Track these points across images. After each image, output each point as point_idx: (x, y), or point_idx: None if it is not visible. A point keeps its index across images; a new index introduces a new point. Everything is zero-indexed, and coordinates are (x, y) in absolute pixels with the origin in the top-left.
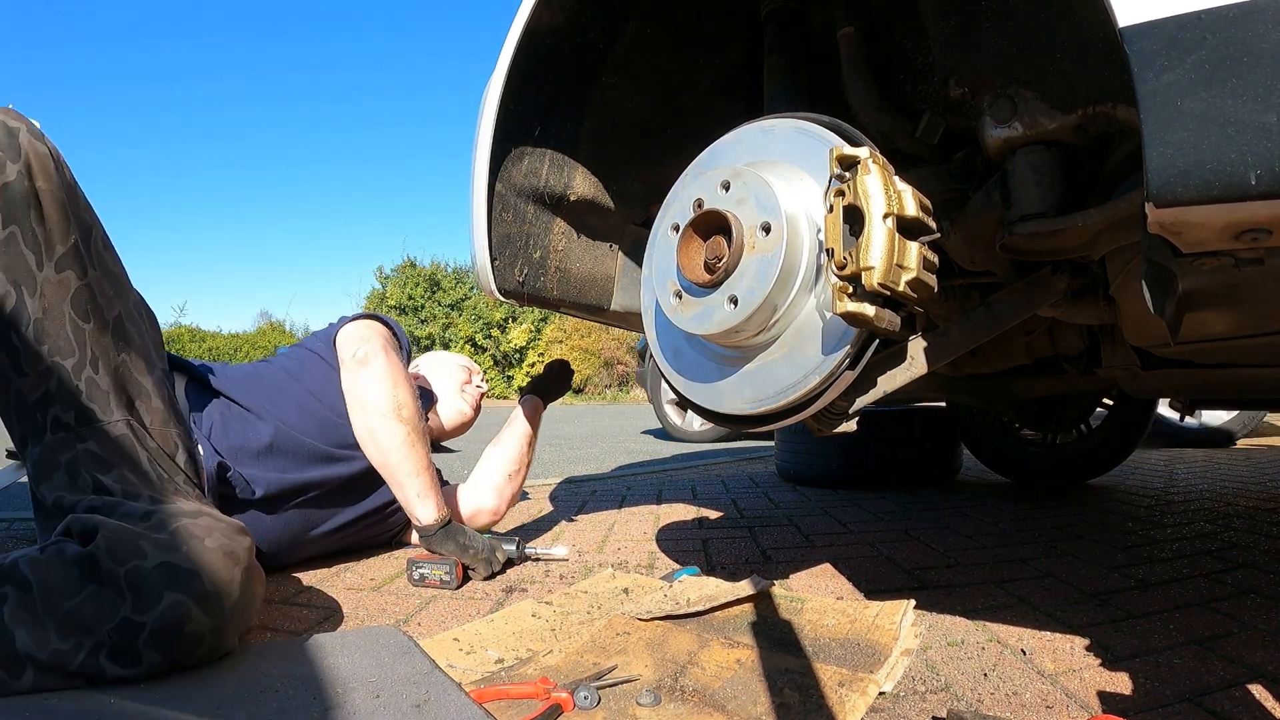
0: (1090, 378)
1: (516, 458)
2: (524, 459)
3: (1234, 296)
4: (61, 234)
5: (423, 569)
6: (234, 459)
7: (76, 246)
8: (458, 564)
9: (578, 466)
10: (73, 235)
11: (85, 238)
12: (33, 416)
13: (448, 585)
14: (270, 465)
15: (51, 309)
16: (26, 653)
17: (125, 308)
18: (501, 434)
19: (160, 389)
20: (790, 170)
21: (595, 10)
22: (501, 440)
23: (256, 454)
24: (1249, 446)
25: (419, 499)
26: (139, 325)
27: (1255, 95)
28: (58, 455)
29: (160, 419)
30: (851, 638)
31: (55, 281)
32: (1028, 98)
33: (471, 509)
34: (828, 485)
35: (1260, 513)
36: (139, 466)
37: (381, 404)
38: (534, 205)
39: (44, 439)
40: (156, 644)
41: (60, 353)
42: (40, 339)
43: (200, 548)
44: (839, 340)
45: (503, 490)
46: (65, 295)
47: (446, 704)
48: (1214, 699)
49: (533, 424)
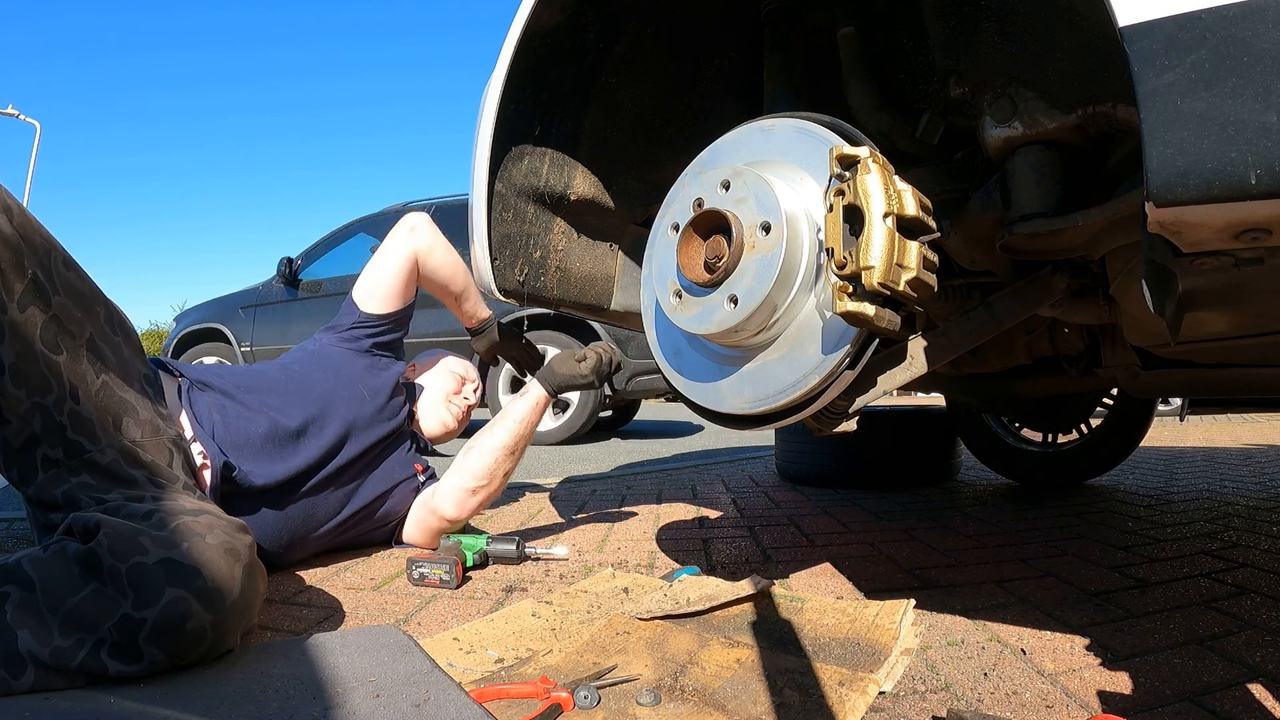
0: (1090, 378)
1: (478, 432)
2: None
3: (1234, 296)
4: (17, 272)
5: (422, 568)
6: (238, 455)
7: (35, 279)
8: (457, 563)
9: (578, 466)
10: (29, 269)
11: (44, 266)
12: (22, 459)
13: (447, 585)
14: (272, 456)
15: (24, 352)
16: (29, 652)
17: (96, 325)
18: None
19: (144, 398)
20: (790, 170)
21: (595, 10)
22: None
23: (259, 447)
24: (1249, 446)
25: (479, 302)
26: (113, 339)
27: (1255, 95)
28: (53, 490)
29: (149, 430)
30: (851, 637)
31: (21, 321)
32: (1028, 97)
33: (438, 488)
34: (828, 485)
35: (1260, 513)
36: (135, 483)
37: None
38: (534, 205)
39: (37, 478)
40: (158, 640)
41: (39, 391)
42: (18, 383)
43: (201, 544)
44: (839, 340)
45: (464, 504)
46: (34, 332)
47: (446, 704)
48: (1214, 699)
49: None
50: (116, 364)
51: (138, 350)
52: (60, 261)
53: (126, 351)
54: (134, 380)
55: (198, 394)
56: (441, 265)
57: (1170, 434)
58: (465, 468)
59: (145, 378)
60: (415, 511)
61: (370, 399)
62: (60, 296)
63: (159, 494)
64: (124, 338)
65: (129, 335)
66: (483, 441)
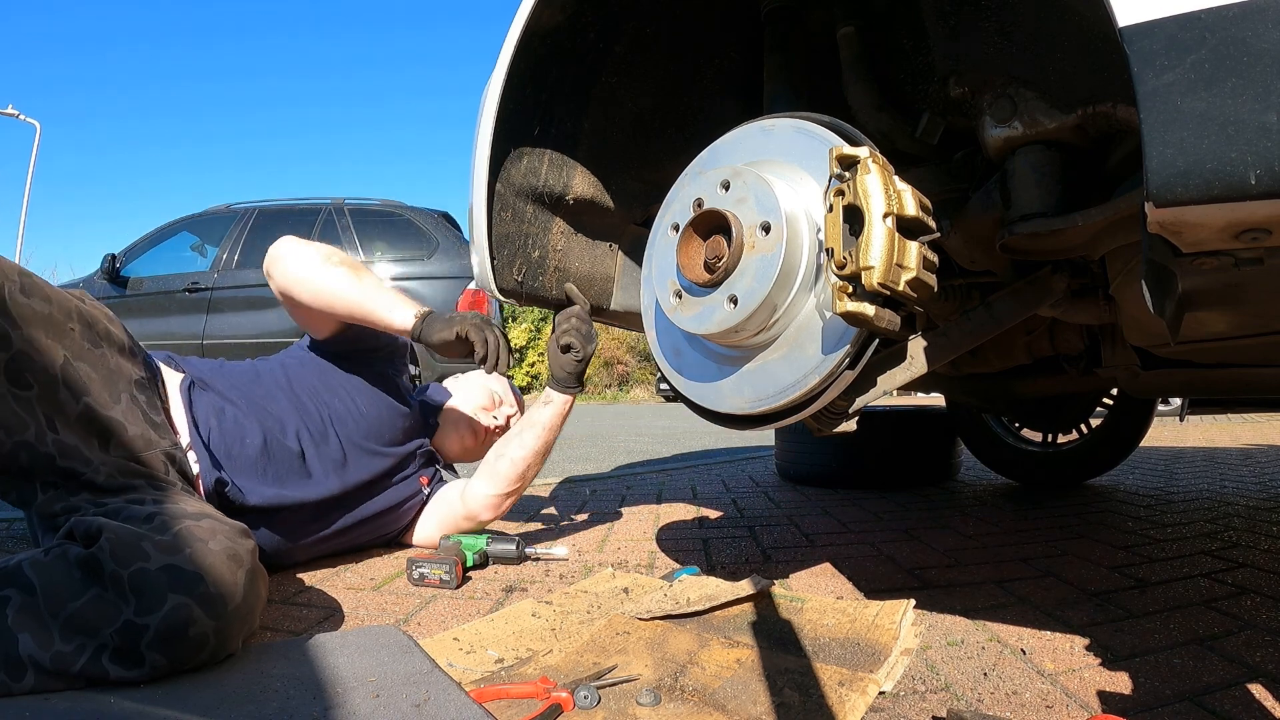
0: (1090, 378)
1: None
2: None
3: (1234, 296)
4: None
5: (422, 568)
6: (231, 468)
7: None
8: (457, 564)
9: (578, 466)
10: None
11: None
12: (20, 486)
13: (447, 585)
14: (267, 478)
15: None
16: (30, 656)
17: (71, 345)
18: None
19: (133, 409)
20: (790, 170)
21: (595, 10)
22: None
23: (253, 461)
24: (1249, 446)
25: (391, 310)
26: (94, 352)
27: (1255, 95)
28: (54, 505)
29: (141, 443)
30: (851, 637)
31: None
32: (1028, 97)
33: (467, 494)
34: (828, 485)
35: (1260, 513)
36: (135, 489)
37: (305, 267)
38: (533, 205)
39: (37, 499)
40: (160, 646)
41: (16, 430)
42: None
43: (204, 550)
44: (839, 340)
45: (500, 507)
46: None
47: (446, 704)
48: (1214, 699)
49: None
50: (99, 379)
51: (127, 351)
52: (18, 291)
53: (113, 359)
54: (121, 392)
55: (199, 393)
56: (314, 295)
57: (1170, 434)
58: (499, 475)
59: (137, 382)
60: (439, 512)
61: (376, 419)
62: (21, 330)
63: (160, 496)
64: (108, 344)
65: (113, 339)
66: (513, 450)
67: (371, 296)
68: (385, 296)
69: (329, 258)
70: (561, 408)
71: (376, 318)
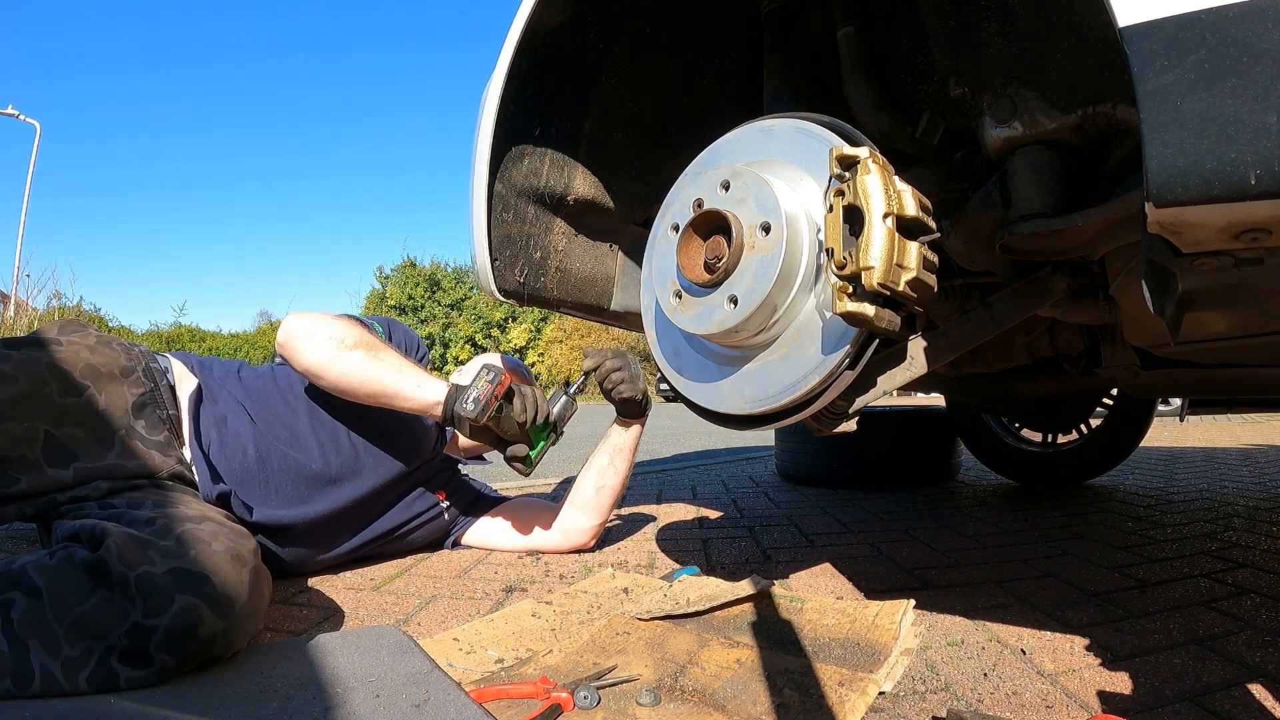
0: (1090, 378)
1: (599, 471)
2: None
3: (1234, 296)
4: None
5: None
6: (233, 481)
7: None
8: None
9: (578, 466)
10: None
11: None
12: (33, 518)
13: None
14: (270, 497)
15: None
16: (40, 665)
17: (50, 415)
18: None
19: (129, 443)
20: (790, 170)
21: (595, 10)
22: (591, 457)
23: (254, 475)
24: (1249, 446)
25: (419, 389)
26: (75, 410)
27: (1255, 95)
28: (62, 510)
29: (141, 472)
30: (851, 637)
31: None
32: (1028, 97)
33: (568, 528)
34: (828, 485)
35: (1260, 513)
36: (137, 492)
37: (320, 355)
38: (534, 205)
39: (50, 519)
40: (169, 647)
41: (14, 500)
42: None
43: (208, 551)
44: (839, 340)
45: (590, 504)
46: None
47: (446, 704)
48: (1214, 699)
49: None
50: (88, 430)
51: (118, 376)
52: None
53: (102, 397)
54: (117, 430)
55: (207, 406)
56: (334, 385)
57: (1170, 434)
58: (602, 507)
59: (135, 405)
60: (521, 531)
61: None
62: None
63: (161, 499)
64: (94, 380)
65: (98, 373)
66: (610, 479)
67: (393, 379)
68: (408, 376)
69: (342, 342)
70: (639, 430)
71: (400, 402)
